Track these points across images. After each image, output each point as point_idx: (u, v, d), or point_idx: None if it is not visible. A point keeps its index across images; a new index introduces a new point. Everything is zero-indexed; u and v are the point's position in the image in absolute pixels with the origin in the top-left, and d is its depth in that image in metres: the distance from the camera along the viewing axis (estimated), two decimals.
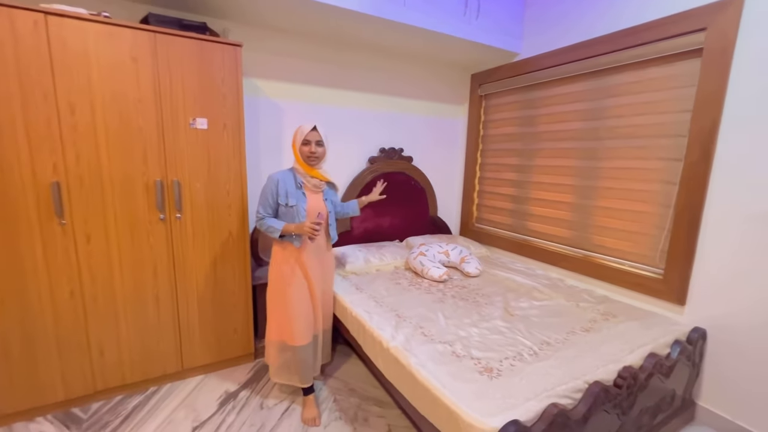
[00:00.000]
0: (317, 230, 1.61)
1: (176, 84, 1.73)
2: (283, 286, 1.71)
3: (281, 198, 1.67)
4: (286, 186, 1.68)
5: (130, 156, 1.69)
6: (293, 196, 1.68)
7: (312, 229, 1.60)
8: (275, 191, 1.67)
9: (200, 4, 1.92)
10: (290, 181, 1.69)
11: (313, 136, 1.66)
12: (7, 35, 1.41)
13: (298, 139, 1.68)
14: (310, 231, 1.60)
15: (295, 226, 1.64)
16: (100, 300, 1.72)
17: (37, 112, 1.50)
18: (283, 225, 1.65)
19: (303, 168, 1.71)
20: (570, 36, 2.26)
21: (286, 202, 1.67)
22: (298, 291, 1.70)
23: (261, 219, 1.69)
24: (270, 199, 1.68)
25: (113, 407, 1.78)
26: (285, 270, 1.70)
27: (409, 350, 1.45)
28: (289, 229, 1.64)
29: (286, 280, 1.70)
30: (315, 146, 1.67)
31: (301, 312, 1.71)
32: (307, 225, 1.60)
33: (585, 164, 2.27)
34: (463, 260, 2.46)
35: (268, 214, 1.70)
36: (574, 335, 1.62)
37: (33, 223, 1.55)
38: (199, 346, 2.00)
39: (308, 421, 1.71)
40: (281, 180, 1.68)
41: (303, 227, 1.61)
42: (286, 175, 1.70)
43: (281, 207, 1.69)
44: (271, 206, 1.69)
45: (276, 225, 1.65)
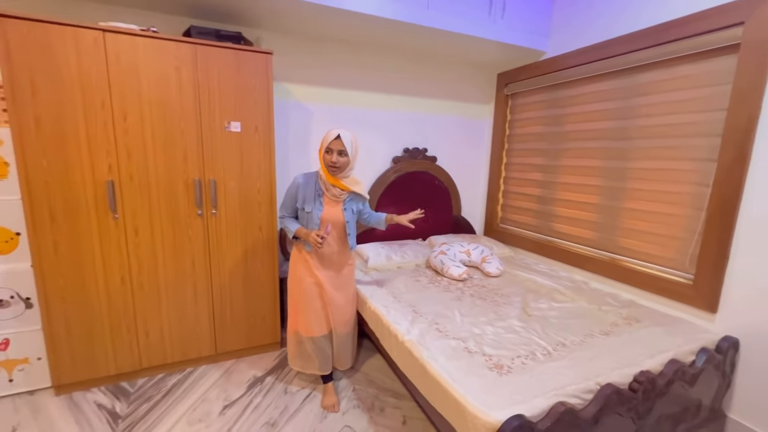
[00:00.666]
0: (320, 243, 1.65)
1: (214, 90, 1.88)
2: (297, 282, 1.81)
3: (299, 202, 1.74)
4: (305, 192, 1.73)
5: (172, 157, 1.86)
6: (309, 203, 1.72)
7: (315, 241, 1.65)
8: (295, 194, 1.76)
9: (236, 15, 2.07)
10: (311, 187, 1.73)
11: (336, 145, 1.63)
12: (72, 51, 1.61)
13: (323, 146, 1.68)
14: (314, 241, 1.65)
15: (305, 232, 1.71)
16: (145, 287, 1.92)
17: (95, 118, 1.69)
18: (296, 228, 1.74)
19: (326, 176, 1.72)
20: (598, 33, 2.20)
21: (302, 207, 1.74)
22: (309, 288, 1.79)
23: (281, 218, 1.82)
24: (290, 201, 1.78)
25: (156, 383, 1.97)
26: (299, 268, 1.80)
27: (423, 344, 1.50)
28: (300, 234, 1.73)
29: (299, 277, 1.80)
30: (336, 156, 1.63)
31: (312, 307, 1.80)
32: (312, 235, 1.66)
33: (612, 165, 2.21)
34: (484, 260, 2.48)
35: (287, 215, 1.80)
36: (591, 338, 1.60)
37: (92, 217, 1.76)
38: (230, 333, 2.16)
39: (328, 407, 1.81)
40: (302, 185, 1.74)
41: (309, 236, 1.68)
42: (308, 180, 1.74)
43: (299, 211, 1.77)
44: (291, 207, 1.79)
45: (291, 227, 1.75)
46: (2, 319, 1.76)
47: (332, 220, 1.73)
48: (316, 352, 1.83)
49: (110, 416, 1.73)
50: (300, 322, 1.84)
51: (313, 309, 1.80)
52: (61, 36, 1.58)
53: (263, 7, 1.95)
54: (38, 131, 1.61)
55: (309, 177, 1.76)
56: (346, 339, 1.93)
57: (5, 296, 1.75)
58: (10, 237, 1.73)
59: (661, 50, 1.89)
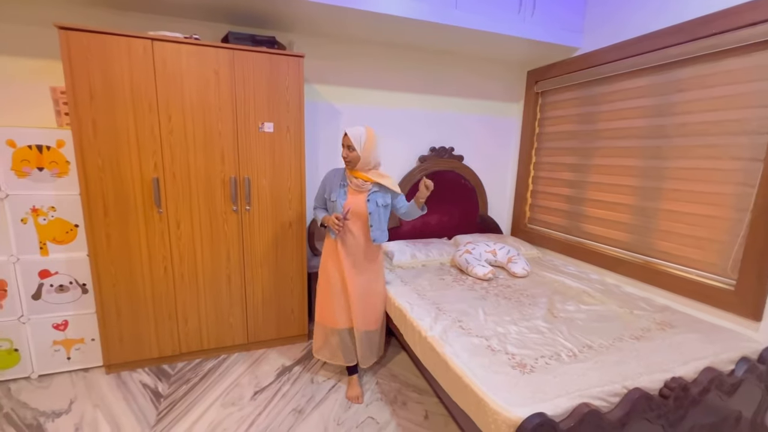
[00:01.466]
0: (339, 224, 1.74)
1: (249, 93, 1.99)
2: (325, 275, 1.89)
3: (326, 193, 1.87)
4: (332, 183, 1.85)
5: (211, 156, 1.98)
6: (334, 192, 1.83)
7: (334, 222, 1.75)
8: (324, 186, 1.89)
9: (271, 20, 2.17)
10: (337, 178, 1.86)
11: (345, 141, 1.76)
12: (125, 59, 1.76)
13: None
14: (332, 223, 1.76)
15: (327, 218, 1.83)
16: (185, 277, 2.06)
17: (143, 120, 1.84)
18: (323, 216, 1.85)
19: (347, 168, 1.85)
20: (636, 27, 2.12)
21: (328, 196, 1.85)
22: (335, 281, 1.86)
23: (314, 209, 1.95)
24: (320, 192, 1.92)
25: (193, 368, 2.11)
26: (329, 261, 1.88)
27: (445, 340, 1.53)
28: (325, 220, 1.84)
29: (328, 269, 1.88)
30: (346, 151, 1.77)
31: (337, 299, 1.87)
32: (332, 218, 1.76)
33: (648, 164, 2.12)
34: (510, 260, 2.45)
35: (319, 206, 1.94)
36: (621, 342, 1.56)
37: (139, 211, 1.91)
38: (261, 323, 2.27)
39: (352, 398, 1.88)
40: (329, 177, 1.88)
41: (329, 220, 1.78)
42: (336, 173, 1.88)
43: (327, 201, 1.87)
44: (321, 199, 1.92)
45: (319, 215, 1.89)
46: (63, 302, 1.96)
47: (354, 210, 1.80)
48: (340, 344, 1.90)
49: (153, 395, 1.87)
50: (326, 314, 1.91)
51: (338, 302, 1.87)
52: (116, 45, 1.73)
53: (297, 13, 2.04)
54: (95, 133, 1.77)
55: (337, 170, 1.90)
56: (368, 337, 1.95)
57: (65, 282, 1.94)
58: (69, 228, 1.91)
59: (703, 44, 1.80)
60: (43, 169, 1.83)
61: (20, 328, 1.92)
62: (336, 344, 1.91)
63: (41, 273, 1.90)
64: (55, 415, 1.72)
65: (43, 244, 1.88)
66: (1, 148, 1.75)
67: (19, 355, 1.94)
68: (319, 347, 1.98)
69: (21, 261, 1.85)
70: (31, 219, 1.84)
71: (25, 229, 1.84)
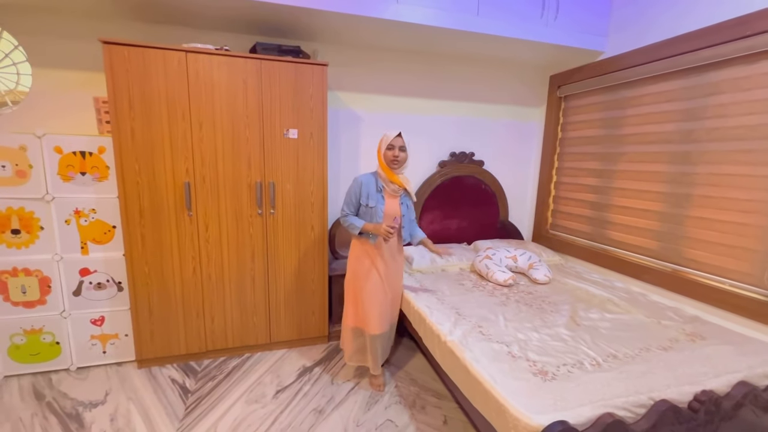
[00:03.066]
0: (391, 233, 1.77)
1: (275, 101, 2.06)
2: (360, 278, 1.91)
3: (363, 199, 1.85)
4: (369, 189, 1.85)
5: (238, 161, 2.06)
6: (373, 198, 1.84)
7: (387, 231, 1.76)
8: (358, 192, 1.86)
9: (295, 31, 2.25)
10: (372, 184, 1.86)
11: (397, 142, 1.80)
12: (161, 70, 1.86)
13: (383, 145, 1.83)
14: (385, 232, 1.76)
15: (372, 226, 1.81)
16: (213, 277, 2.14)
17: (177, 128, 1.94)
18: (363, 224, 1.84)
19: (385, 172, 1.84)
20: (663, 30, 2.08)
21: (366, 203, 1.85)
22: (373, 284, 1.88)
23: (345, 216, 1.89)
24: (353, 199, 1.87)
25: (218, 365, 2.19)
26: (362, 263, 1.90)
27: (465, 345, 1.53)
28: (368, 228, 1.82)
29: (362, 272, 1.90)
30: (398, 151, 1.80)
31: (377, 303, 1.89)
32: (383, 227, 1.77)
33: (677, 169, 2.06)
34: (531, 266, 2.42)
35: (350, 212, 1.90)
36: (648, 352, 1.52)
37: (171, 214, 2.01)
38: (284, 324, 2.33)
39: (374, 386, 1.96)
40: (364, 183, 1.85)
41: (380, 228, 1.78)
42: (369, 179, 1.87)
43: (362, 207, 1.87)
44: (354, 205, 1.88)
45: (356, 223, 1.85)
46: (100, 299, 2.07)
47: (393, 214, 1.86)
48: (373, 350, 1.92)
49: (182, 390, 1.95)
50: (361, 319, 1.93)
51: (378, 305, 1.89)
52: (154, 57, 1.84)
53: (321, 23, 2.10)
54: (133, 140, 1.88)
55: (369, 176, 1.89)
56: (390, 333, 2.04)
57: (102, 280, 2.06)
58: (107, 229, 2.03)
59: (737, 45, 1.75)
60: (85, 173, 1.95)
61: (62, 322, 2.04)
62: (369, 349, 1.94)
63: (82, 271, 2.02)
64: (92, 406, 1.82)
65: (84, 244, 2.00)
66: (50, 154, 1.89)
67: (60, 348, 2.07)
68: (351, 353, 2.01)
69: (64, 259, 1.98)
70: (74, 220, 1.97)
71: (69, 229, 1.97)
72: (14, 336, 1.99)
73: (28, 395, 1.89)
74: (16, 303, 1.97)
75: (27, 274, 1.95)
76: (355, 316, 1.97)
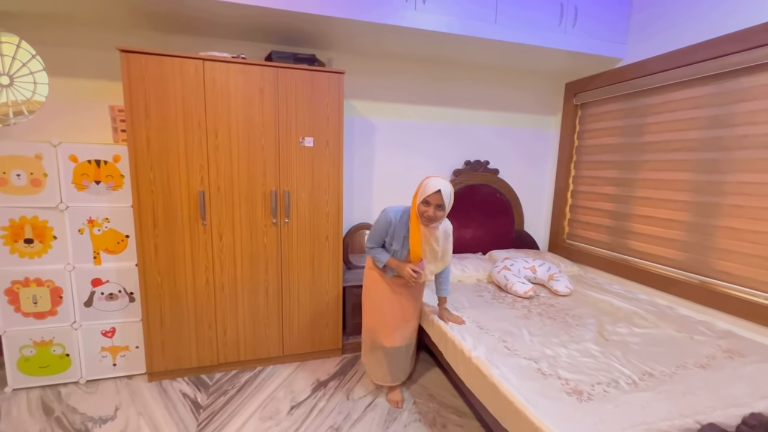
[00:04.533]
0: (415, 278, 1.67)
1: (291, 108, 2.04)
2: (373, 289, 1.86)
3: (388, 237, 1.74)
4: (396, 230, 1.71)
5: (253, 170, 2.03)
6: (398, 242, 1.72)
7: (411, 275, 1.67)
8: (385, 230, 1.73)
9: (310, 39, 2.23)
10: (402, 226, 1.70)
11: (435, 199, 1.57)
12: (178, 79, 1.85)
13: (419, 195, 1.63)
14: (409, 276, 1.67)
15: (396, 264, 1.73)
16: (226, 288, 2.09)
17: (192, 136, 1.91)
18: (388, 258, 1.75)
19: (421, 223, 1.65)
20: (688, 36, 2.03)
21: (391, 242, 1.74)
22: (386, 295, 1.83)
23: (370, 248, 1.81)
24: (379, 235, 1.76)
25: (230, 379, 2.13)
26: (377, 276, 1.85)
27: (492, 362, 1.46)
28: (392, 265, 1.75)
29: (378, 285, 1.84)
30: (434, 210, 1.58)
31: (391, 315, 1.83)
32: (408, 270, 1.67)
33: (704, 178, 2.00)
34: (551, 277, 2.35)
35: (376, 246, 1.80)
36: (685, 370, 1.45)
37: (185, 224, 1.97)
38: (297, 336, 2.27)
39: (393, 402, 1.89)
40: (393, 222, 1.70)
41: (404, 270, 1.68)
42: (400, 218, 1.70)
43: (386, 244, 1.78)
44: (380, 241, 1.79)
45: (381, 257, 1.76)
46: (112, 310, 2.03)
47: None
48: (389, 363, 1.86)
49: (193, 405, 1.89)
50: (376, 331, 1.88)
51: (392, 318, 1.83)
52: (171, 66, 1.82)
53: (337, 31, 2.09)
54: (148, 148, 1.86)
55: (401, 215, 1.71)
56: (410, 348, 1.96)
57: (115, 290, 2.02)
58: (121, 239, 2.00)
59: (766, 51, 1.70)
60: (100, 182, 1.93)
61: (72, 333, 2.00)
62: (384, 361, 1.88)
63: (94, 281, 1.99)
64: (102, 421, 1.77)
65: (96, 254, 1.97)
66: (65, 163, 1.87)
67: (70, 360, 2.02)
68: (370, 365, 1.97)
69: (76, 269, 1.95)
70: (87, 230, 1.94)
71: (82, 239, 1.94)
72: (24, 348, 1.95)
73: (37, 409, 1.84)
74: (27, 314, 1.93)
75: (39, 285, 1.92)
76: (371, 327, 1.91)
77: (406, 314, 1.87)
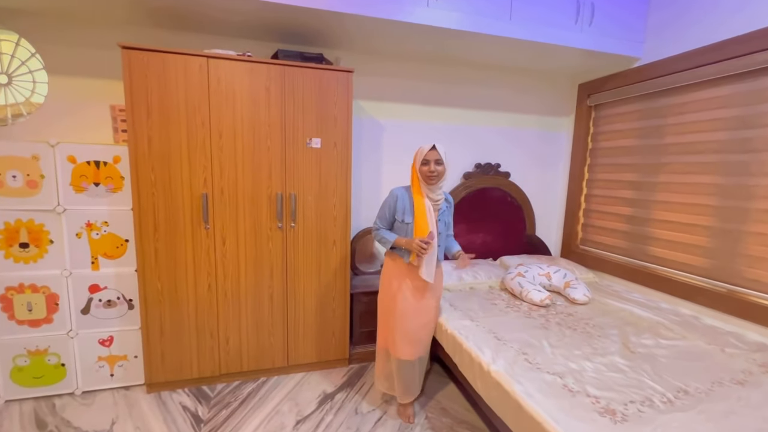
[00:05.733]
0: (425, 248, 1.61)
1: (298, 108, 1.96)
2: (390, 298, 1.77)
3: (398, 214, 1.72)
4: (404, 203, 1.72)
5: (258, 171, 1.95)
6: (409, 213, 1.70)
7: (420, 246, 1.61)
8: (393, 207, 1.73)
9: (317, 37, 2.16)
10: (408, 199, 1.72)
11: (432, 156, 1.65)
12: (182, 77, 1.78)
13: (417, 160, 1.69)
14: (418, 248, 1.61)
15: (405, 241, 1.68)
16: (228, 294, 2.01)
17: (196, 136, 1.84)
18: (395, 238, 1.71)
19: (418, 189, 1.70)
20: (710, 34, 1.95)
21: (402, 218, 1.71)
22: (404, 305, 1.73)
23: (377, 230, 1.78)
24: (387, 213, 1.75)
25: (232, 390, 2.03)
26: (394, 283, 1.76)
27: (513, 376, 1.37)
28: (400, 243, 1.69)
29: (394, 292, 1.75)
30: (434, 165, 1.65)
31: (407, 326, 1.73)
32: (416, 242, 1.62)
33: (731, 181, 1.91)
34: (567, 285, 2.25)
35: (383, 227, 1.77)
36: (721, 386, 1.34)
37: (187, 227, 1.89)
38: (302, 345, 2.17)
39: (404, 416, 1.80)
40: (400, 197, 1.72)
41: (412, 243, 1.64)
42: (406, 193, 1.74)
43: (396, 222, 1.73)
44: (388, 220, 1.76)
45: (389, 237, 1.72)
46: (109, 317, 1.95)
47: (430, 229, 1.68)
48: (400, 377, 1.77)
49: (194, 419, 1.79)
50: (390, 342, 1.79)
51: (408, 329, 1.74)
52: (174, 63, 1.75)
53: (347, 28, 2.01)
54: (150, 149, 1.78)
55: (405, 189, 1.76)
56: (424, 360, 1.86)
57: (113, 297, 1.94)
58: (120, 243, 1.92)
59: None
60: (99, 184, 1.85)
61: (68, 342, 1.91)
62: (396, 375, 1.79)
63: (91, 287, 1.90)
64: None
65: (94, 259, 1.89)
66: (63, 164, 1.80)
67: (65, 370, 1.93)
68: (381, 377, 1.88)
69: (73, 275, 1.87)
70: (85, 233, 1.86)
71: (79, 243, 1.86)
72: (17, 357, 1.86)
73: (29, 423, 1.75)
74: (21, 321, 1.85)
75: (34, 291, 1.83)
76: (385, 338, 1.82)
77: (426, 322, 1.79)
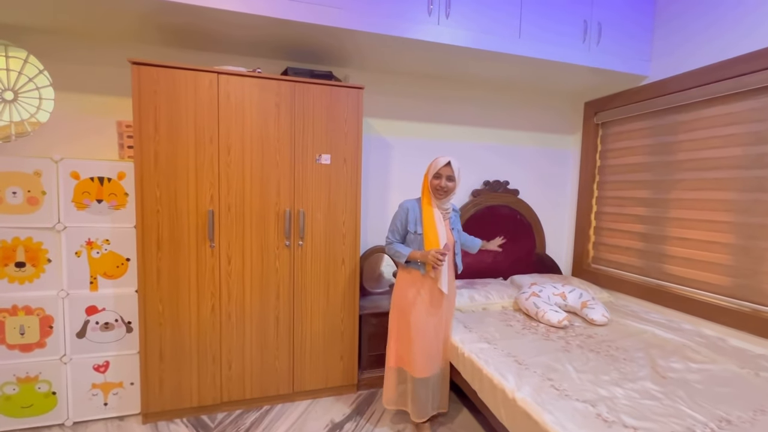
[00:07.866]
0: (441, 260, 1.58)
1: (308, 124, 1.94)
2: (405, 312, 1.70)
3: (410, 225, 1.71)
4: (416, 214, 1.71)
5: (267, 188, 1.90)
6: (421, 223, 1.69)
7: (436, 258, 1.58)
8: (405, 219, 1.73)
9: (327, 55, 2.17)
10: (419, 209, 1.73)
11: (445, 171, 1.68)
12: (191, 93, 1.75)
13: (430, 172, 1.71)
14: (434, 260, 1.59)
15: (420, 253, 1.65)
16: (233, 316, 1.91)
17: (204, 152, 1.80)
18: (409, 251, 1.68)
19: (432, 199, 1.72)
20: (714, 52, 1.97)
21: (414, 229, 1.70)
22: (419, 320, 1.67)
23: (390, 244, 1.76)
24: (399, 226, 1.75)
25: (234, 420, 1.90)
26: (409, 295, 1.70)
27: (542, 405, 1.27)
28: (415, 256, 1.66)
29: (409, 305, 1.69)
30: (445, 181, 1.67)
31: (423, 341, 1.67)
32: (431, 254, 1.59)
33: (749, 197, 1.87)
34: (584, 305, 2.17)
35: (396, 240, 1.76)
36: (764, 415, 1.25)
37: (191, 246, 1.82)
38: (308, 371, 2.06)
39: None
40: (411, 208, 1.73)
41: (427, 255, 1.61)
42: (416, 204, 1.75)
43: (409, 234, 1.72)
44: (400, 233, 1.75)
45: (403, 251, 1.69)
46: (106, 341, 1.84)
47: (444, 240, 1.69)
48: (417, 395, 1.67)
49: None
50: (405, 360, 1.71)
51: (424, 344, 1.68)
52: (184, 79, 1.73)
53: (357, 46, 2.02)
54: (156, 165, 1.73)
55: (416, 201, 1.77)
56: (445, 372, 1.81)
57: (111, 319, 1.84)
58: (121, 262, 1.84)
59: None
60: (102, 201, 1.79)
61: (60, 368, 1.80)
62: (411, 394, 1.69)
63: (88, 309, 1.81)
64: None
65: (93, 279, 1.81)
66: (65, 180, 1.74)
67: (56, 399, 1.81)
68: (393, 397, 1.78)
69: (70, 296, 1.78)
70: (85, 252, 1.79)
71: (78, 262, 1.78)
72: (6, 385, 1.74)
73: None
74: (12, 346, 1.74)
75: (28, 313, 1.74)
76: (397, 356, 1.73)
77: (443, 337, 1.76)
